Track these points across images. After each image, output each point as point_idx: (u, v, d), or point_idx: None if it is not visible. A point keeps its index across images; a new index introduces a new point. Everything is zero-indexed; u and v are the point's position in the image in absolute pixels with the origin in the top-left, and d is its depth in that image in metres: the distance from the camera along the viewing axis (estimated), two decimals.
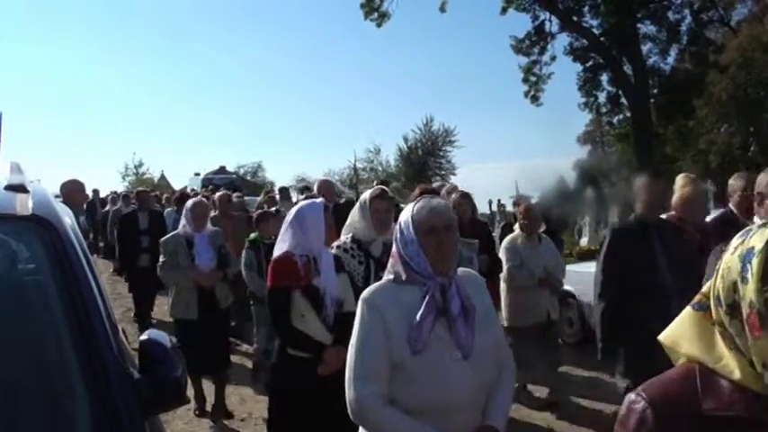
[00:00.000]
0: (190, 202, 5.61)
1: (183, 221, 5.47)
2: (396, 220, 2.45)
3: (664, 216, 4.25)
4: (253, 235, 6.20)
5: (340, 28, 77.65)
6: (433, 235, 2.11)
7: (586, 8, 23.85)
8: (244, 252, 6.04)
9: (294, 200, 12.32)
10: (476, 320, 2.12)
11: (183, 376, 1.83)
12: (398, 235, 2.19)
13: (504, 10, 24.45)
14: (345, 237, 3.66)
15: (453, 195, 5.84)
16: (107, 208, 14.30)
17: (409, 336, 2.04)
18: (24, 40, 72.20)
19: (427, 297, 2.08)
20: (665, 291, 3.62)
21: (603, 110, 26.46)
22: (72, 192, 6.25)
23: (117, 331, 1.92)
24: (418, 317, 2.05)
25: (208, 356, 5.13)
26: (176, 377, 1.80)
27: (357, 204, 3.69)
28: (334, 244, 3.63)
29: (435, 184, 8.11)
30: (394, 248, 2.21)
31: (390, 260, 2.23)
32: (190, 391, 5.10)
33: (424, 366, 2.04)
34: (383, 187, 4.02)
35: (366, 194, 3.68)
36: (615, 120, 26.83)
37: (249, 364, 6.71)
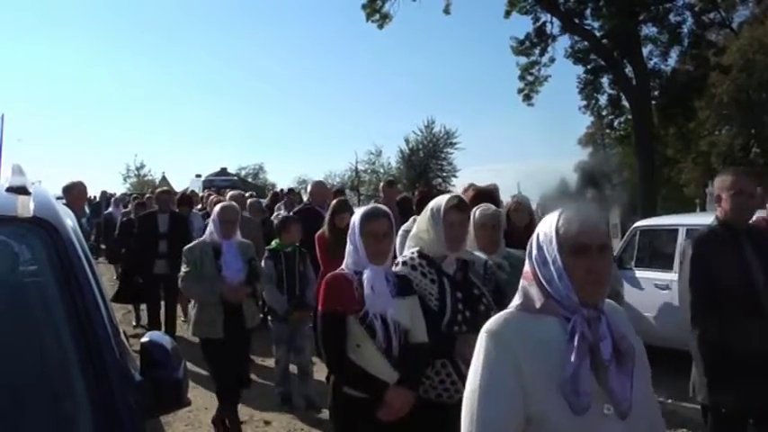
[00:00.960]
0: (218, 206, 5.05)
1: (209, 227, 4.91)
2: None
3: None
4: (273, 243, 5.67)
5: (341, 30, 77.84)
6: (584, 255, 1.70)
7: (588, 11, 23.85)
8: (263, 262, 5.45)
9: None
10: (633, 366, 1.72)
11: (184, 378, 1.83)
12: (534, 251, 1.79)
13: (507, 13, 24.47)
14: (411, 251, 3.08)
15: (469, 192, 5.00)
16: (110, 210, 13.89)
17: (564, 388, 1.63)
18: (26, 42, 72.41)
19: (577, 336, 1.66)
20: (763, 304, 3.14)
21: (604, 112, 26.48)
22: (79, 193, 6.51)
23: (118, 333, 1.92)
24: (572, 365, 1.63)
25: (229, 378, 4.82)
26: (177, 379, 1.80)
27: (427, 213, 3.08)
28: (399, 260, 3.11)
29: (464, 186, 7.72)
30: (527, 266, 1.82)
31: (522, 281, 1.83)
32: (190, 393, 5.08)
33: (573, 426, 1.63)
34: (460, 195, 3.33)
35: (440, 202, 3.03)
36: (616, 122, 26.82)
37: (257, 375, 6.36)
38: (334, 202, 5.87)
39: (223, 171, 38.18)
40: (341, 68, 76.37)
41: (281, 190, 17.83)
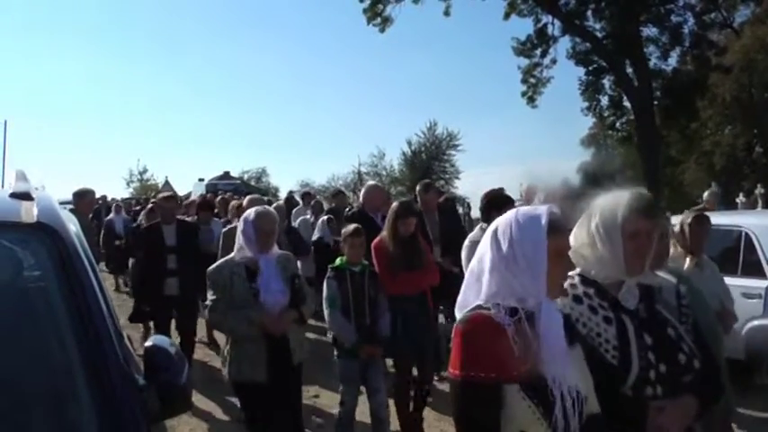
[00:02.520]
0: (251, 212, 3.87)
1: (239, 241, 3.85)
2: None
3: None
4: (339, 260, 4.56)
5: (343, 33, 77.89)
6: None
7: (589, 12, 23.89)
8: (325, 283, 4.50)
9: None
10: None
11: (188, 383, 1.83)
12: None
13: (506, 15, 24.54)
14: (570, 275, 2.03)
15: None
16: (110, 216, 12.83)
17: None
18: (29, 49, 72.69)
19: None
20: None
21: (606, 113, 26.50)
22: (90, 200, 7.08)
23: (122, 337, 1.92)
24: None
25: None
26: (181, 383, 1.80)
27: (594, 219, 2.10)
28: None
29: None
30: None
31: None
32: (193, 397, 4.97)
33: None
34: (645, 193, 2.21)
35: (615, 204, 2.08)
36: (618, 123, 26.84)
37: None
38: (395, 204, 4.88)
39: (226, 175, 38.19)
40: (342, 71, 76.50)
41: (290, 193, 16.63)
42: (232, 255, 3.88)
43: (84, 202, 6.89)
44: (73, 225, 2.12)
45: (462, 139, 37.78)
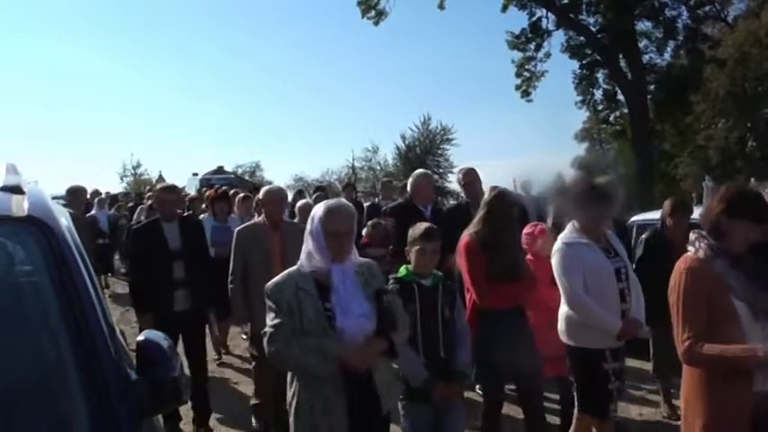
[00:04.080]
0: (320, 208, 2.86)
1: (308, 246, 2.85)
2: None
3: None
4: (403, 269, 3.54)
5: (337, 27, 77.73)
6: None
7: (583, 6, 23.91)
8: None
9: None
10: None
11: (181, 377, 1.82)
12: None
13: (504, 7, 24.54)
14: None
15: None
16: (92, 212, 11.52)
17: None
18: (20, 40, 72.16)
19: None
20: None
21: (600, 107, 26.57)
22: (83, 197, 7.16)
23: (114, 332, 1.92)
24: None
25: None
26: (174, 378, 1.80)
27: None
28: None
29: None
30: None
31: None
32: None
33: None
34: None
35: None
36: (612, 117, 26.93)
37: None
38: (493, 193, 4.00)
39: (220, 169, 38.08)
40: (335, 65, 76.39)
41: (299, 191, 13.76)
42: (297, 265, 2.88)
43: (78, 199, 6.91)
44: (65, 219, 2.10)
45: (456, 133, 37.84)
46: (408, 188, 5.98)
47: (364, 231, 6.67)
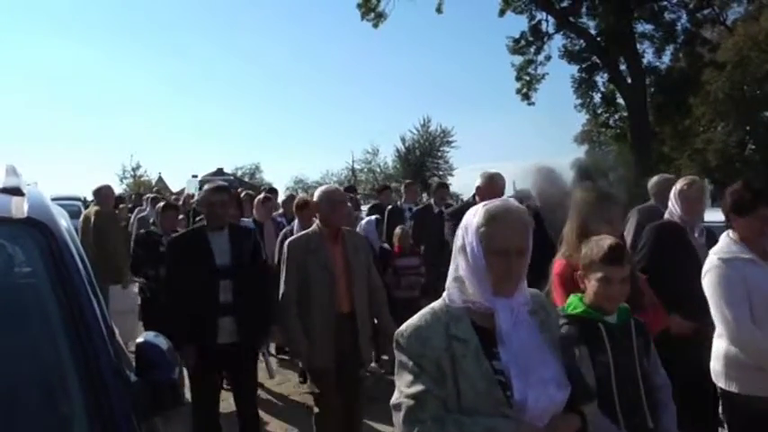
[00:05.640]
0: (477, 214, 1.86)
1: (459, 272, 1.87)
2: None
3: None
4: (576, 303, 2.58)
5: (336, 30, 77.82)
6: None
7: (583, 9, 23.94)
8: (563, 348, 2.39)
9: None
10: None
11: (180, 379, 1.83)
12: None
13: (502, 12, 24.53)
14: None
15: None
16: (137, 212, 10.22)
17: None
18: (20, 40, 72.18)
19: None
20: None
21: (600, 110, 26.57)
22: (107, 194, 7.45)
23: (113, 334, 1.92)
24: None
25: None
26: (173, 380, 1.80)
27: None
28: None
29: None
30: None
31: None
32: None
33: None
34: None
35: None
36: (611, 120, 26.93)
37: None
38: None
39: (219, 171, 38.12)
40: (336, 67, 76.54)
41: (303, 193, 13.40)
42: (442, 299, 1.90)
43: (104, 195, 7.41)
44: (64, 221, 2.11)
45: (456, 135, 37.91)
46: (481, 186, 4.81)
47: (394, 238, 6.43)
